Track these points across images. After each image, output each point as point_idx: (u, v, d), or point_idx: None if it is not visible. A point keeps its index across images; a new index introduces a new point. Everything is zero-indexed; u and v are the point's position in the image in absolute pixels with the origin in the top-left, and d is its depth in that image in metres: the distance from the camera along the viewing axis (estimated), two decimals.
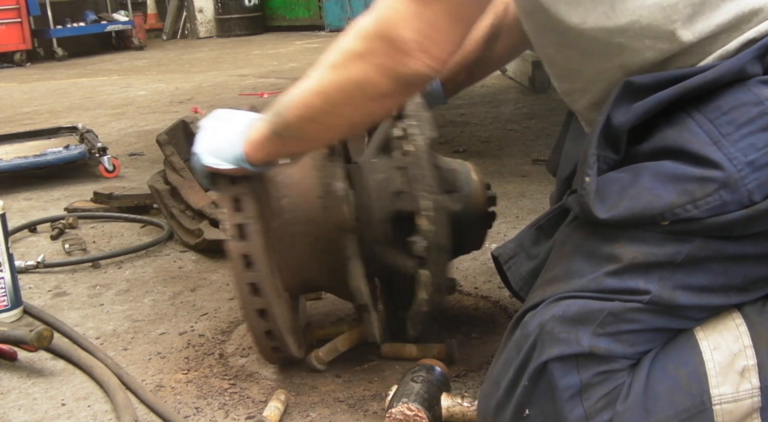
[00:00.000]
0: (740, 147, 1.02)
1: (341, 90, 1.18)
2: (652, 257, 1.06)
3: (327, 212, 1.46)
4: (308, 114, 1.23)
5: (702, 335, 1.07)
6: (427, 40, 1.10)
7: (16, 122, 4.93)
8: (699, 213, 1.03)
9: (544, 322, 1.09)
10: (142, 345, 1.76)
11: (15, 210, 2.90)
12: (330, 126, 1.25)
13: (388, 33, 1.11)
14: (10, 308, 1.91)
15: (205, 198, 2.39)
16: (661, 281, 1.06)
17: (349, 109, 1.20)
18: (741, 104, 1.04)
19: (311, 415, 1.43)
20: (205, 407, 1.48)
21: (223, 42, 10.52)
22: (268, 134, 1.28)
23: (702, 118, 1.05)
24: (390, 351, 1.62)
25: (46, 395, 1.57)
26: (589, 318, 1.07)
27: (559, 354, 1.07)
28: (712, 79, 1.05)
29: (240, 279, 1.35)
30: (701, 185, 1.03)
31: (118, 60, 9.10)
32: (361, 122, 1.26)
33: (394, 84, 1.14)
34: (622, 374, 1.07)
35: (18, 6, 9.02)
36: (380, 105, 1.20)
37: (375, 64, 1.13)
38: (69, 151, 3.34)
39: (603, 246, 1.10)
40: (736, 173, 1.01)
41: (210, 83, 6.20)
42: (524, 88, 4.69)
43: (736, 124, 1.03)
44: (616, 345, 1.07)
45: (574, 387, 1.06)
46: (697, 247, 1.05)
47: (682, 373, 1.05)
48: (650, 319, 1.07)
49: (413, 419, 1.27)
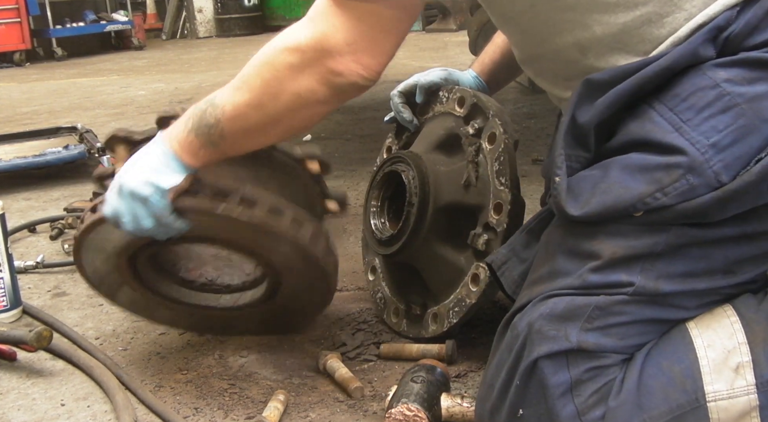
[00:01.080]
0: (702, 131, 1.04)
1: (279, 101, 1.23)
2: (632, 249, 1.07)
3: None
4: (245, 126, 1.27)
5: (696, 332, 1.07)
6: (363, 53, 1.17)
7: (15, 122, 4.92)
8: (669, 200, 1.04)
9: (532, 321, 1.10)
10: (142, 345, 1.76)
11: (14, 210, 2.90)
12: (267, 134, 1.31)
13: (326, 45, 1.17)
14: (9, 308, 1.91)
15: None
16: (644, 272, 1.07)
17: (287, 118, 1.26)
18: (698, 89, 1.06)
19: (311, 415, 1.43)
20: (204, 407, 1.48)
21: (222, 42, 10.51)
22: (202, 143, 1.31)
23: (662, 107, 1.08)
24: (390, 351, 1.62)
25: (46, 395, 1.57)
26: (576, 313, 1.08)
27: (548, 351, 1.07)
28: (666, 66, 1.08)
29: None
30: (668, 172, 1.04)
31: (118, 60, 9.09)
32: (299, 128, 1.31)
33: (331, 93, 1.21)
34: (613, 369, 1.07)
35: (17, 6, 9.00)
36: (316, 112, 1.26)
37: (313, 75, 1.19)
38: (68, 151, 3.34)
39: (583, 243, 1.12)
40: (700, 156, 1.03)
41: (209, 83, 6.20)
42: (524, 88, 4.68)
43: (696, 108, 1.05)
44: (606, 339, 1.07)
45: (565, 383, 1.07)
46: (675, 235, 1.06)
47: (676, 369, 1.05)
48: (637, 310, 1.08)
49: (413, 419, 1.27)
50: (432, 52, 7.38)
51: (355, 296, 1.95)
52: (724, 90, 1.05)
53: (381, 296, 1.78)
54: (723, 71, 1.07)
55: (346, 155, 3.50)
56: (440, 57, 6.90)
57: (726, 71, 1.06)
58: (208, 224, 1.41)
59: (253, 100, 1.24)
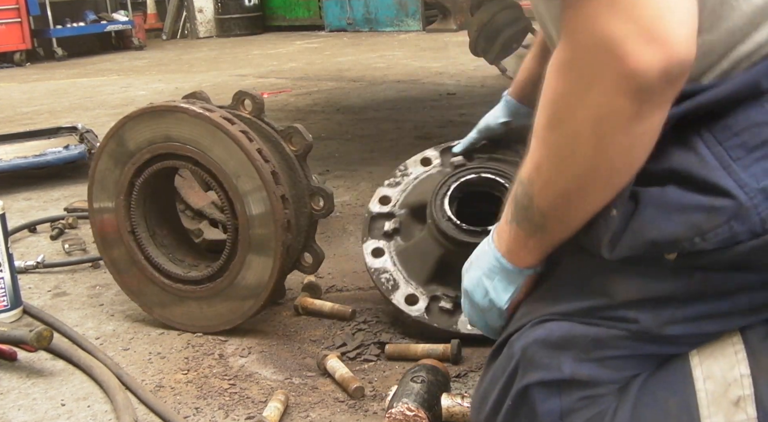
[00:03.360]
0: (752, 173, 0.93)
1: (576, 145, 0.96)
2: (648, 292, 1.00)
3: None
4: (556, 189, 1.01)
5: (696, 361, 1.02)
6: (649, 25, 0.87)
7: (15, 122, 4.92)
8: (707, 245, 0.94)
9: (526, 346, 1.06)
10: (142, 345, 1.76)
11: (15, 210, 2.90)
12: (587, 191, 1.00)
13: (594, 40, 0.90)
14: (9, 308, 1.91)
15: (205, 198, 2.39)
16: (653, 313, 1.00)
17: (599, 158, 0.96)
18: (753, 124, 0.95)
19: (311, 415, 1.43)
20: (204, 407, 1.48)
21: (222, 42, 10.51)
22: (527, 233, 1.09)
23: (711, 139, 0.97)
24: (395, 351, 1.62)
25: (46, 395, 1.57)
26: (572, 343, 1.03)
27: (540, 379, 1.04)
28: (725, 94, 0.96)
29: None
30: (709, 216, 0.94)
31: (118, 60, 9.09)
32: (623, 165, 0.97)
33: (636, 99, 0.90)
34: (607, 398, 1.03)
35: (18, 6, 9.00)
36: (636, 136, 0.94)
37: (599, 86, 0.91)
38: (69, 151, 3.34)
39: (596, 278, 1.04)
40: (747, 201, 0.92)
41: (210, 83, 6.21)
42: None
43: (748, 147, 0.95)
44: (601, 370, 1.03)
45: (555, 412, 1.03)
46: (698, 281, 0.98)
47: (672, 402, 1.00)
48: (637, 346, 1.03)
49: (413, 419, 1.27)
50: (432, 52, 7.38)
51: (355, 296, 1.95)
52: None
53: (390, 278, 1.77)
54: None
55: (347, 155, 3.50)
56: (441, 57, 6.90)
57: None
58: None
59: (550, 149, 1.00)
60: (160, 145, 1.72)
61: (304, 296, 1.88)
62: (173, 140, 1.70)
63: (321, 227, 2.13)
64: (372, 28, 10.15)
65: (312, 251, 1.82)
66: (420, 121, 4.12)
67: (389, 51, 7.77)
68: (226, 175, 1.67)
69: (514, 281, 1.15)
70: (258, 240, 1.67)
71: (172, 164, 1.75)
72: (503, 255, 1.14)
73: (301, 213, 1.76)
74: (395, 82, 5.51)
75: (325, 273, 2.08)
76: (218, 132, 1.65)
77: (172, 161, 1.74)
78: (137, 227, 1.80)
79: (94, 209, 1.83)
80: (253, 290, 1.70)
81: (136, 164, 1.75)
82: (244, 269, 1.69)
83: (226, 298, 1.73)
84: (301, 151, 1.76)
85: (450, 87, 5.15)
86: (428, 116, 4.27)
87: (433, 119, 4.16)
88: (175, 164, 1.75)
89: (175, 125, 1.69)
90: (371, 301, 1.90)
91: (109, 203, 1.80)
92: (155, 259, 1.80)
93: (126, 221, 1.79)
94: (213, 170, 1.68)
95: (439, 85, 5.27)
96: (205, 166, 1.69)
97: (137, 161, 1.75)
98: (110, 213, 1.80)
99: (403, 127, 3.99)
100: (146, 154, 1.74)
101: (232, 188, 1.67)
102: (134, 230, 1.80)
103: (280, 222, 1.65)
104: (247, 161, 1.64)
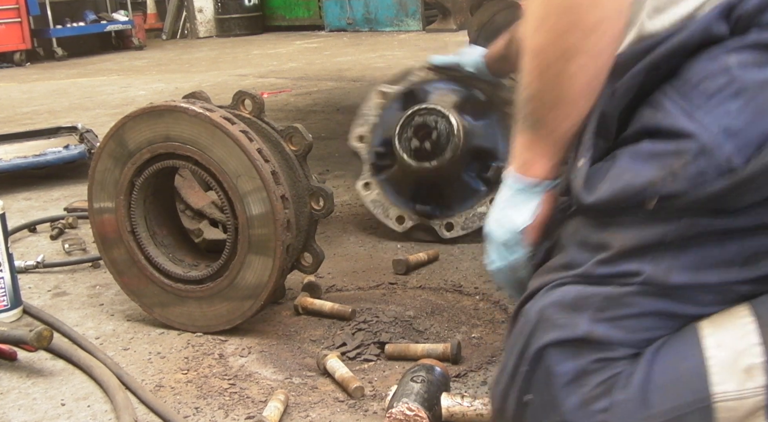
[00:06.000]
0: (714, 116, 1.02)
1: (557, 22, 1.10)
2: (642, 240, 1.06)
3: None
4: (541, 64, 1.14)
5: (707, 331, 1.06)
6: None
7: (15, 122, 4.92)
8: (679, 185, 1.02)
9: (543, 308, 1.10)
10: (142, 345, 1.76)
11: (15, 210, 2.90)
12: (567, 52, 1.12)
13: None
14: (9, 308, 1.91)
15: (205, 198, 2.39)
16: (653, 262, 1.05)
17: (573, 39, 1.10)
18: (709, 74, 1.04)
19: (311, 415, 1.43)
20: (204, 407, 1.48)
21: (222, 42, 10.51)
22: (532, 130, 1.20)
23: (674, 93, 1.07)
24: (395, 351, 1.62)
25: (46, 395, 1.57)
26: (586, 303, 1.07)
27: (557, 338, 1.06)
28: (679, 44, 1.06)
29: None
30: (678, 157, 1.02)
31: (118, 60, 9.09)
32: (592, 24, 1.10)
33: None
34: (621, 363, 1.06)
35: (18, 6, 9.01)
36: (602, 36, 1.10)
37: None
38: (69, 151, 3.34)
39: (594, 235, 1.11)
40: (711, 139, 1.01)
41: (210, 83, 6.21)
42: None
43: (707, 94, 1.04)
44: (615, 330, 1.06)
45: (570, 373, 1.06)
46: (686, 224, 1.04)
47: (684, 368, 1.03)
48: (647, 302, 1.06)
49: (413, 419, 1.27)
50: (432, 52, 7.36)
51: (355, 296, 1.95)
52: (736, 74, 1.03)
53: (380, 204, 2.38)
54: (734, 56, 1.05)
55: (346, 155, 3.49)
56: None
57: (737, 56, 1.05)
58: None
59: (542, 30, 1.12)
60: (160, 145, 1.72)
61: (304, 296, 1.88)
62: (173, 139, 1.70)
63: (321, 227, 2.13)
64: (372, 28, 10.15)
65: (312, 251, 1.82)
66: None
67: (389, 51, 7.78)
68: (226, 175, 1.67)
69: (529, 199, 1.22)
70: (258, 240, 1.67)
71: (172, 164, 1.75)
72: (517, 171, 1.22)
73: (301, 213, 1.76)
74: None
75: (325, 273, 2.09)
76: (218, 132, 1.65)
77: (172, 161, 1.74)
78: (137, 227, 1.80)
79: (94, 209, 1.83)
80: (253, 290, 1.70)
81: (136, 163, 1.75)
82: (244, 269, 1.69)
83: (226, 298, 1.73)
84: (301, 151, 1.77)
85: None
86: None
87: None
88: (175, 163, 1.75)
89: (175, 125, 1.69)
90: (371, 301, 1.91)
91: (109, 203, 1.80)
92: (155, 259, 1.80)
93: (126, 221, 1.79)
94: (213, 169, 1.68)
95: None
96: (205, 166, 1.69)
97: (137, 161, 1.75)
98: (110, 213, 1.81)
99: None
100: (146, 154, 1.74)
101: (232, 188, 1.67)
102: (134, 230, 1.80)
103: (280, 222, 1.65)
104: (247, 160, 1.64)
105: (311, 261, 1.83)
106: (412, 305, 1.88)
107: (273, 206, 1.64)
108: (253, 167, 1.63)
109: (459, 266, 2.10)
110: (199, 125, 1.67)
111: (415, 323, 1.77)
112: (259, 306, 1.71)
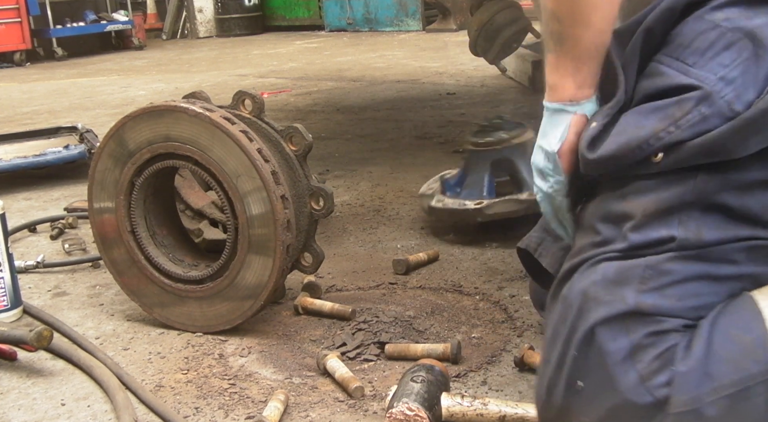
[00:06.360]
0: (709, 69, 1.06)
1: None
2: (662, 202, 1.06)
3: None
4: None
5: (765, 304, 1.03)
6: None
7: (15, 122, 4.92)
8: (682, 133, 1.04)
9: (585, 288, 1.07)
10: (142, 345, 1.76)
11: (15, 210, 2.90)
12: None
13: None
14: (9, 308, 1.91)
15: (205, 198, 2.39)
16: (682, 224, 1.05)
17: None
18: (699, 33, 1.09)
19: (311, 415, 1.43)
20: (204, 407, 1.48)
21: (222, 42, 10.51)
22: (558, 52, 1.21)
23: (669, 59, 1.11)
24: (395, 351, 1.62)
25: (46, 395, 1.57)
26: (628, 276, 1.05)
27: (606, 315, 1.04)
28: (667, 7, 1.10)
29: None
30: (679, 106, 1.05)
31: (118, 60, 9.09)
32: None
33: None
34: (674, 335, 1.03)
35: (18, 6, 9.00)
36: None
37: None
38: (69, 151, 3.34)
39: (614, 207, 1.11)
40: (710, 87, 1.04)
41: (210, 83, 6.21)
42: (524, 88, 4.69)
43: (700, 51, 1.08)
44: (663, 300, 1.04)
45: (624, 349, 1.02)
46: (702, 181, 1.05)
47: (747, 339, 1.00)
48: (686, 267, 1.04)
49: (413, 419, 1.27)
50: (432, 52, 7.38)
51: (355, 296, 1.95)
52: (724, 28, 1.07)
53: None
54: (720, 13, 1.09)
55: (346, 155, 3.50)
56: (440, 57, 6.90)
57: (723, 12, 1.09)
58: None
59: None
60: (160, 145, 1.72)
61: (304, 296, 1.88)
62: (173, 139, 1.70)
63: (321, 227, 2.13)
64: (372, 28, 10.15)
65: (312, 251, 1.82)
66: (420, 121, 4.12)
67: (389, 51, 7.78)
68: (226, 175, 1.67)
69: (561, 121, 1.21)
70: (258, 240, 1.67)
71: (172, 164, 1.75)
72: (547, 94, 1.23)
73: (301, 213, 1.76)
74: (395, 82, 5.51)
75: (325, 273, 2.09)
76: (218, 132, 1.65)
77: (172, 161, 1.74)
78: (137, 227, 1.80)
79: (94, 209, 1.83)
80: (253, 290, 1.70)
81: (135, 163, 1.75)
82: (244, 269, 1.69)
83: (226, 298, 1.73)
84: (301, 151, 1.77)
85: (450, 87, 5.16)
86: (428, 115, 4.27)
87: (432, 118, 4.16)
88: (175, 163, 1.75)
89: (175, 125, 1.69)
90: (371, 301, 1.91)
91: (109, 203, 1.80)
92: (155, 259, 1.80)
93: (126, 221, 1.79)
94: (213, 169, 1.68)
95: (439, 85, 5.27)
96: (205, 166, 1.69)
97: (137, 161, 1.75)
98: (110, 213, 1.81)
99: (402, 127, 3.99)
100: (146, 154, 1.74)
101: (232, 188, 1.67)
102: (134, 230, 1.80)
103: (280, 222, 1.65)
104: (247, 160, 1.64)
105: (311, 261, 1.83)
106: (412, 305, 1.88)
107: (273, 206, 1.64)
108: (253, 167, 1.64)
109: (459, 266, 2.10)
110: (199, 124, 1.67)
111: (415, 323, 1.77)
112: (259, 306, 1.71)
